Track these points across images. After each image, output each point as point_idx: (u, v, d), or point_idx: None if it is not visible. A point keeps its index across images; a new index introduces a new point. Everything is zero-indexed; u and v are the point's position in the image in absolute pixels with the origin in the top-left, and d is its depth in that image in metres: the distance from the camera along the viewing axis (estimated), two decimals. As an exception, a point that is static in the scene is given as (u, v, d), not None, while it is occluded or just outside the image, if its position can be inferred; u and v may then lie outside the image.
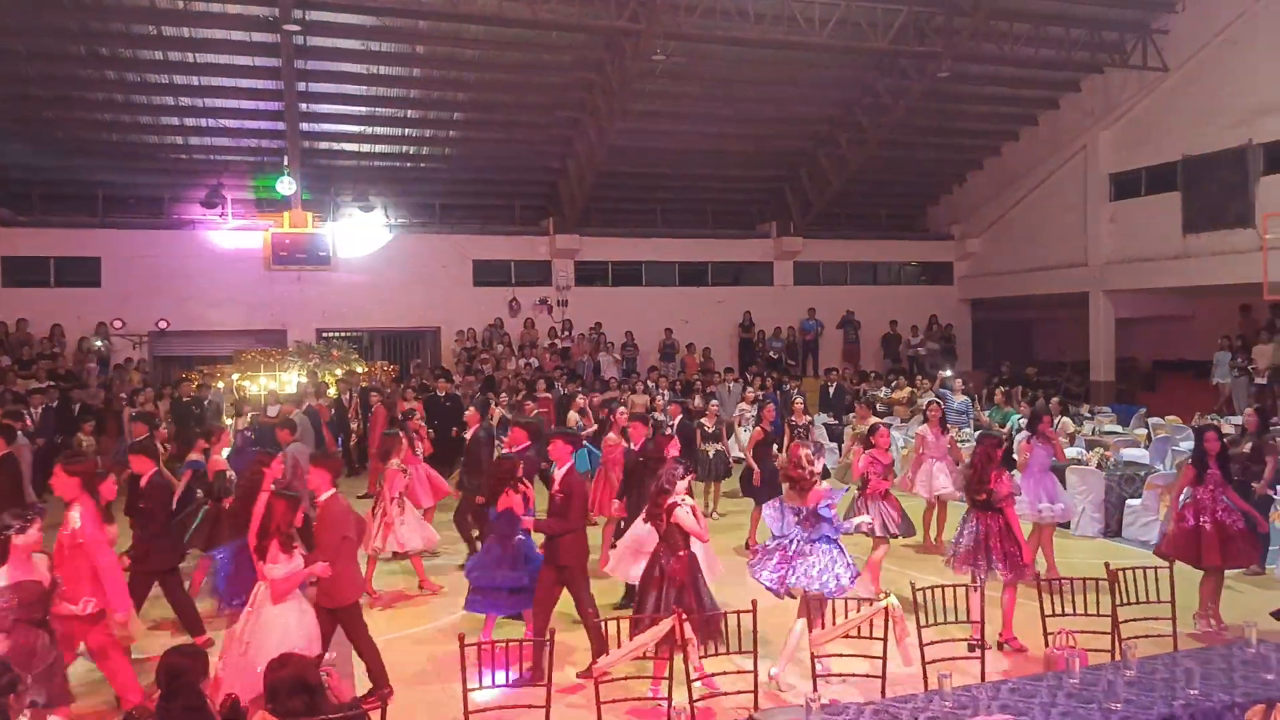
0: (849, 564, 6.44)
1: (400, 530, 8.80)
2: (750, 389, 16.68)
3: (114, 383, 17.53)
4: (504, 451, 9.16)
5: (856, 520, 7.46)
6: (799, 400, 12.85)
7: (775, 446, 10.66)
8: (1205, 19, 18.76)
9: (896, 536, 8.67)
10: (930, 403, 12.11)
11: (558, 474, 6.96)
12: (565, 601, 8.02)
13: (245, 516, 6.88)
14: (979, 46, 18.72)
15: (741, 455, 12.24)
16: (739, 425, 14.34)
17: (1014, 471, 8.75)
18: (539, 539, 6.98)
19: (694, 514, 6.23)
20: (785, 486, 6.85)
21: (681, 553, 6.16)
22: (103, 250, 19.84)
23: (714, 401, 14.18)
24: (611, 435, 10.24)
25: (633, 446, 9.26)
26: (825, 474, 7.18)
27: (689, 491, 6.40)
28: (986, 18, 18.05)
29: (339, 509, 6.07)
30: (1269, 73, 17.48)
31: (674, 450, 8.14)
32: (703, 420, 12.45)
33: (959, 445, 11.04)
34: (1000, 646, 7.10)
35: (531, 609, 6.81)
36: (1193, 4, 19.03)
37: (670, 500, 6.21)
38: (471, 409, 12.08)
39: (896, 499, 8.81)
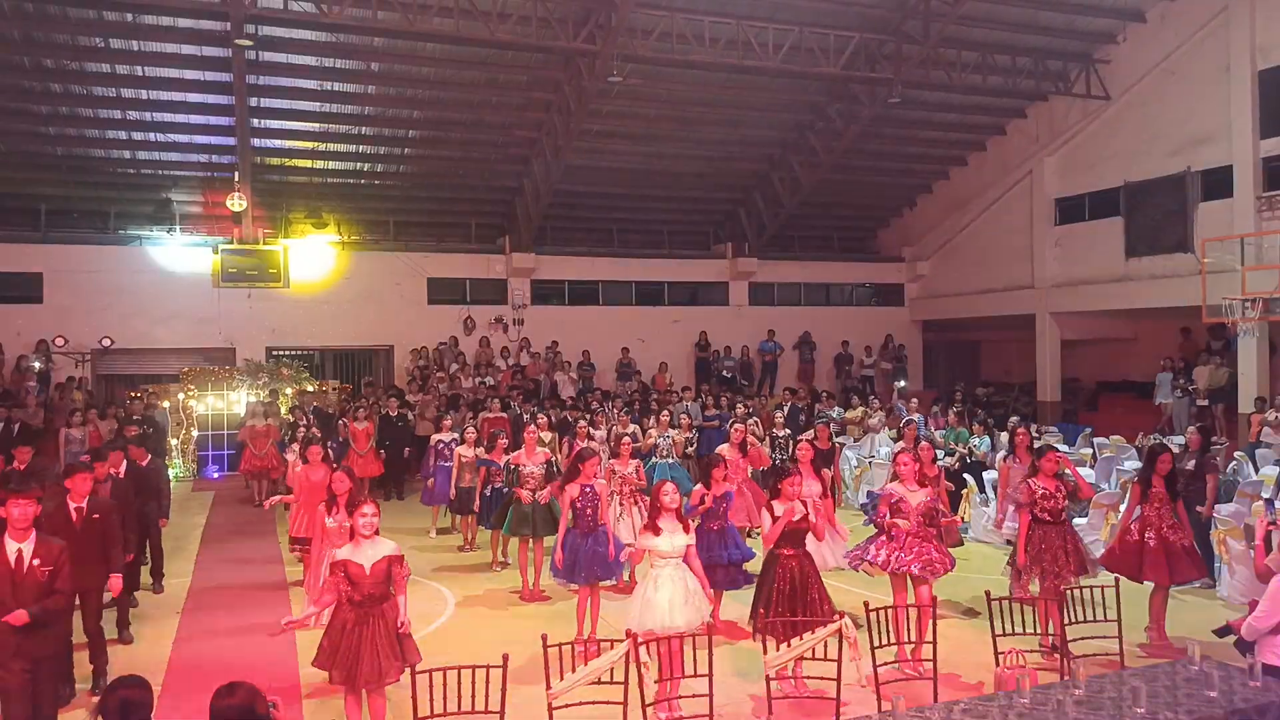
0: (944, 551, 7.32)
1: None
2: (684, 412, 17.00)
3: (54, 402, 17.05)
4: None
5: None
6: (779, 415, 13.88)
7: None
8: (1146, 50, 19.38)
9: None
10: (907, 422, 12.40)
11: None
12: (518, 621, 7.95)
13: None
14: (928, 74, 19.12)
15: None
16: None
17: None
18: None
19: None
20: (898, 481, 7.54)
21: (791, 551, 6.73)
22: (45, 265, 19.32)
23: (683, 415, 14.48)
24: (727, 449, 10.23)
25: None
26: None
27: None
28: (936, 46, 18.45)
29: None
30: (1206, 102, 18.10)
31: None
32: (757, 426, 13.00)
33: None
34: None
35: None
36: (1134, 35, 19.66)
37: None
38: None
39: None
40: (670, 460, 11.85)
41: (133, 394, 17.42)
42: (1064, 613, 6.16)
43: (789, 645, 5.69)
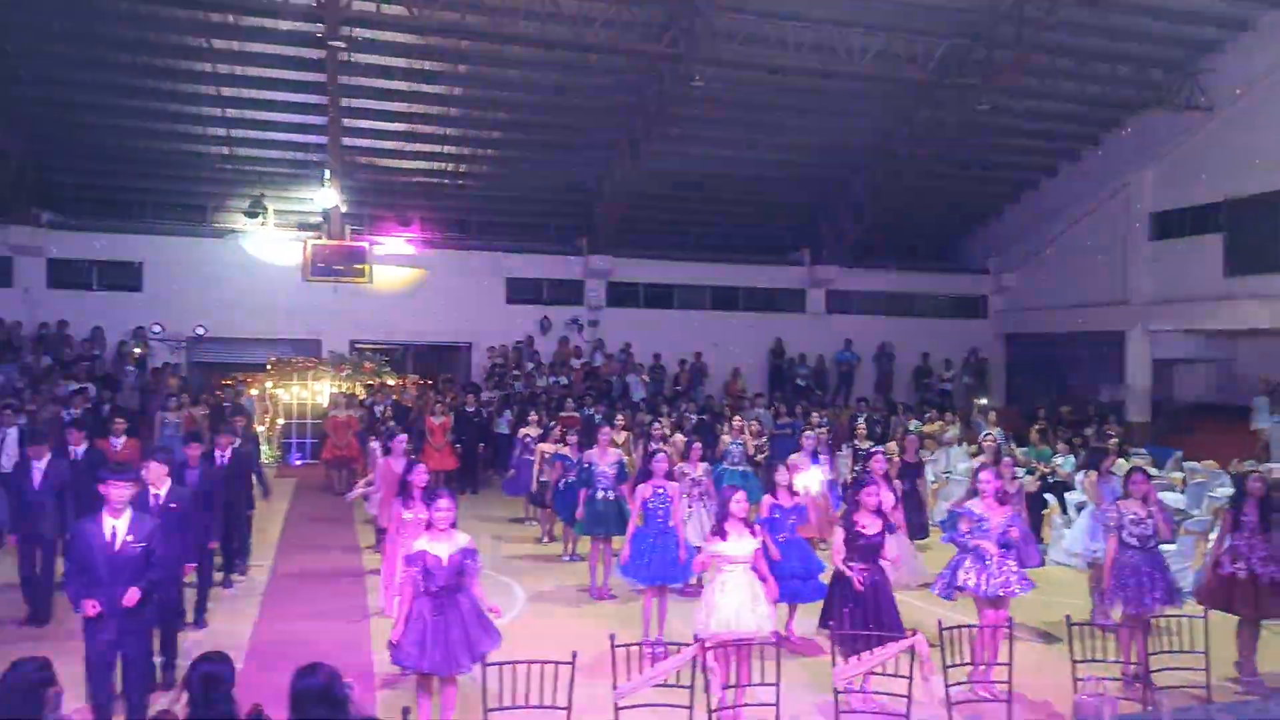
0: (1021, 572, 7.16)
1: None
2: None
3: (149, 386, 17.78)
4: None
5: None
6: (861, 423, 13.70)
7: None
8: (1250, 60, 18.55)
9: None
10: (985, 435, 12.13)
11: None
12: (586, 620, 8.01)
13: None
14: (1020, 81, 18.62)
15: None
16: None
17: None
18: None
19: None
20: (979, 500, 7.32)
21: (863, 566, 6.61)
22: (145, 255, 20.21)
23: (752, 422, 14.35)
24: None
25: None
26: None
27: None
28: (1029, 52, 17.96)
29: None
30: (1317, 115, 17.26)
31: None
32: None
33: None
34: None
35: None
36: (1238, 45, 18.82)
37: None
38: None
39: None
40: (742, 468, 11.76)
41: (225, 381, 18.08)
42: (1148, 641, 5.94)
43: (859, 659, 5.61)
